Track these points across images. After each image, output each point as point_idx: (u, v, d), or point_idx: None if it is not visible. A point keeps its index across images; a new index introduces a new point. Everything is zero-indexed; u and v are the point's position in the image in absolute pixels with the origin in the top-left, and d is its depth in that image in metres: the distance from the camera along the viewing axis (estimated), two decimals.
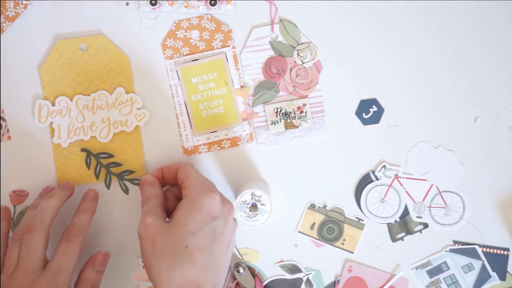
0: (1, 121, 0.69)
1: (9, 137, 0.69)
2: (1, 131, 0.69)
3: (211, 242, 0.56)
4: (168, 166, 0.64)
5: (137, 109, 0.68)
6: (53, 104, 0.68)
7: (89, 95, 0.68)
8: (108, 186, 0.69)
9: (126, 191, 0.69)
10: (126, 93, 0.68)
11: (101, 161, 0.68)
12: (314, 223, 0.70)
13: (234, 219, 0.62)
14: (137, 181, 0.69)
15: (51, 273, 0.59)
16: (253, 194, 0.65)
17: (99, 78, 0.68)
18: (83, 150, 0.68)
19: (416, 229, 0.70)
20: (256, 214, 0.65)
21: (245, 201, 0.65)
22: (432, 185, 0.69)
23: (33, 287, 0.58)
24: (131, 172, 0.69)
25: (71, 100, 0.68)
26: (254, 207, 0.65)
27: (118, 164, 0.69)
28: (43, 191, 0.67)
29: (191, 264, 0.54)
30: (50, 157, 0.69)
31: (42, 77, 0.68)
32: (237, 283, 0.70)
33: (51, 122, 0.68)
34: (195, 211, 0.56)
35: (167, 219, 0.60)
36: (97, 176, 0.69)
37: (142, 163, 0.69)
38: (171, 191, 0.65)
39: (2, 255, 0.62)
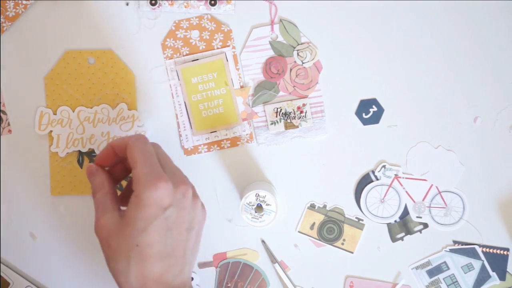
0: (2, 114, 0.69)
1: (9, 131, 0.69)
2: (1, 125, 0.69)
3: (165, 233, 0.54)
4: (117, 142, 0.59)
5: (138, 126, 0.68)
6: (55, 113, 0.68)
7: (91, 108, 0.68)
8: None
9: (120, 188, 0.69)
10: (129, 109, 0.68)
11: (94, 159, 0.69)
12: (314, 223, 0.70)
13: (195, 196, 0.58)
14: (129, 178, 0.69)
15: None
16: (257, 195, 0.65)
17: (103, 92, 0.68)
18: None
19: (416, 229, 0.70)
20: (262, 215, 0.65)
21: (249, 202, 0.65)
22: (432, 185, 0.69)
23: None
24: None
25: (73, 111, 0.68)
26: (259, 208, 0.65)
27: None
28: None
29: (144, 262, 0.53)
30: (46, 165, 0.69)
31: (46, 85, 0.68)
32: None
33: (51, 131, 0.68)
34: (141, 208, 0.53)
35: (122, 207, 0.58)
36: None
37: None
38: (121, 166, 0.62)
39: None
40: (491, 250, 0.69)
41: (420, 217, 0.70)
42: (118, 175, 0.62)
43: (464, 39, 0.68)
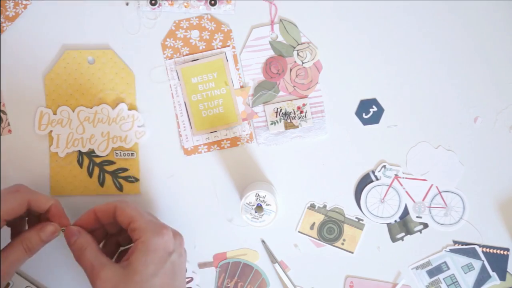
0: (2, 114, 0.69)
1: (9, 131, 0.69)
2: (1, 125, 0.69)
3: (172, 277, 0.58)
4: (102, 207, 0.61)
5: (138, 126, 0.68)
6: (55, 113, 0.68)
7: (91, 108, 0.68)
8: (101, 184, 0.69)
9: (120, 188, 0.69)
10: (129, 109, 0.68)
11: (93, 159, 0.69)
12: (314, 223, 0.70)
13: (183, 245, 0.63)
14: (131, 179, 0.69)
15: None
16: (257, 195, 0.65)
17: (103, 91, 0.68)
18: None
19: (416, 229, 0.70)
20: (262, 215, 0.65)
21: (249, 202, 0.65)
22: (432, 185, 0.69)
23: None
24: (124, 170, 0.69)
25: (73, 111, 0.68)
26: (259, 208, 0.65)
27: (111, 162, 0.69)
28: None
29: None
30: (46, 165, 0.69)
31: (46, 85, 0.68)
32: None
33: (51, 131, 0.68)
34: (151, 252, 0.56)
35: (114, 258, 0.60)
36: (90, 174, 0.69)
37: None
38: (102, 231, 0.64)
39: None
40: (491, 250, 0.69)
41: (420, 217, 0.70)
42: (98, 238, 0.63)
43: (464, 40, 0.68)
